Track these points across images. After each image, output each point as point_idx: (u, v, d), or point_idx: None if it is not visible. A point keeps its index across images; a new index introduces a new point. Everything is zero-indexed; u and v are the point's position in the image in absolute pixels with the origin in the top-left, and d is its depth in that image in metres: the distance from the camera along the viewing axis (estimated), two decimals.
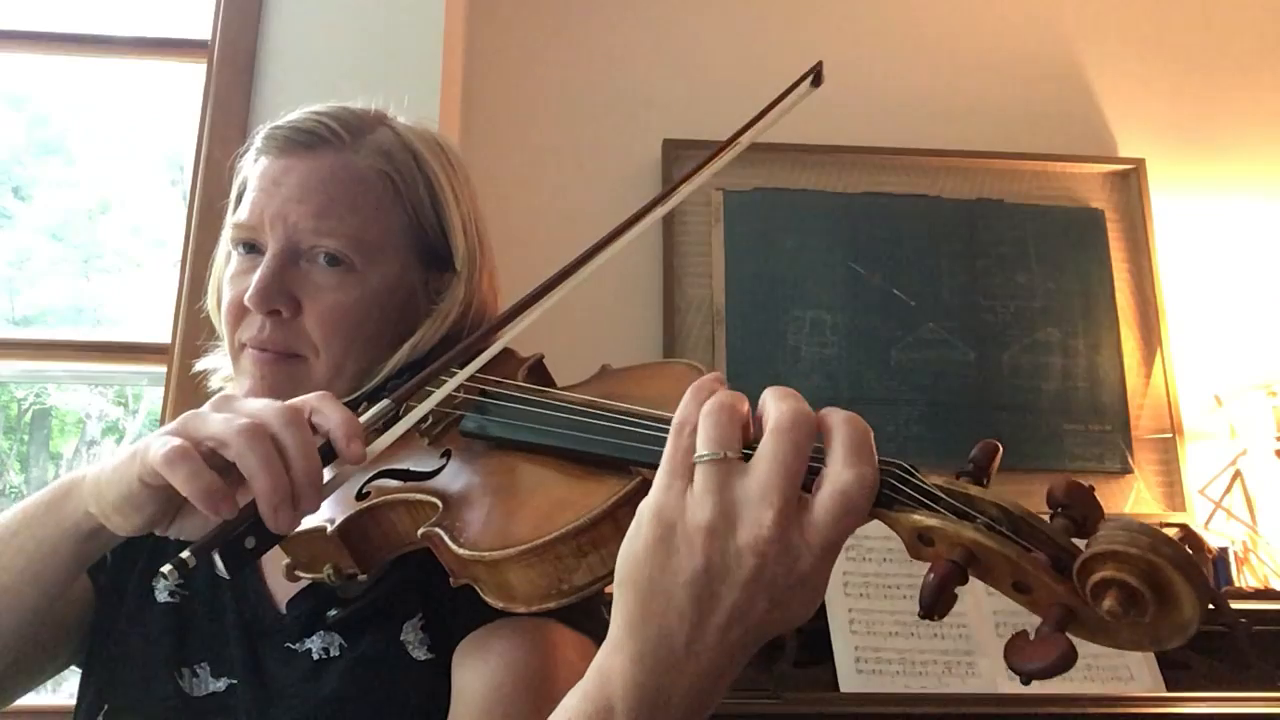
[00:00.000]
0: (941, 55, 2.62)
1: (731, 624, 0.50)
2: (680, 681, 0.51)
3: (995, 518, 0.49)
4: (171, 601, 0.87)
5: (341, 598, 0.84)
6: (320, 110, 0.89)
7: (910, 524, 0.50)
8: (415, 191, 0.89)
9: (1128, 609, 0.45)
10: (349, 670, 0.80)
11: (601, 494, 0.61)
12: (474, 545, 0.63)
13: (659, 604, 0.51)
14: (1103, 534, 0.46)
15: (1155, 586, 0.44)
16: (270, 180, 0.86)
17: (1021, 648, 0.46)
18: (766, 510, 0.49)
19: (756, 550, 0.49)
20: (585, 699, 0.53)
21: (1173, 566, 0.44)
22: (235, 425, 0.60)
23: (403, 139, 0.91)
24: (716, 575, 0.49)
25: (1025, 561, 0.48)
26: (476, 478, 0.71)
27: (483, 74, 2.49)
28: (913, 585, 1.58)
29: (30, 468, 2.39)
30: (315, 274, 0.84)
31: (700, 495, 0.50)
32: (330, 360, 0.85)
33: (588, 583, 0.61)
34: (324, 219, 0.84)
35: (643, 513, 0.52)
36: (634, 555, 0.52)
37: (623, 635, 0.52)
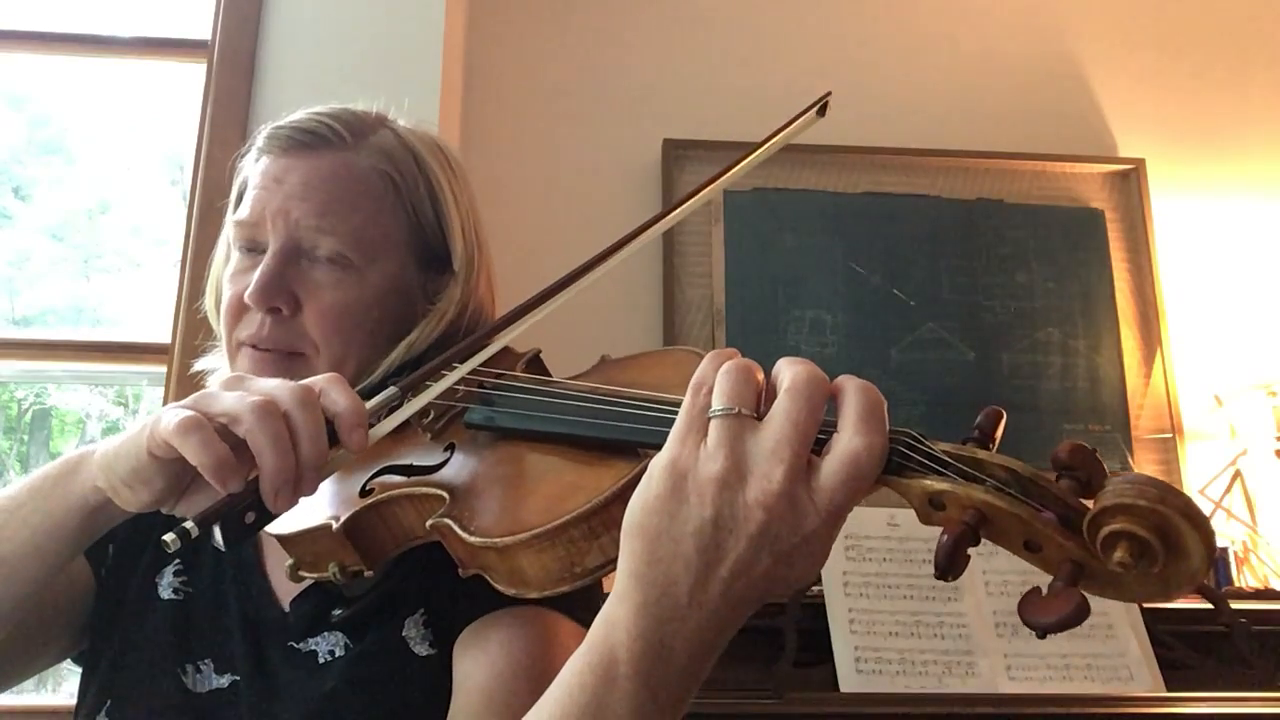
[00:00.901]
0: (941, 55, 2.62)
1: (735, 577, 0.51)
2: (683, 631, 0.52)
3: (1004, 479, 0.50)
4: (175, 599, 0.87)
5: (345, 596, 0.84)
6: (322, 111, 0.89)
7: (921, 489, 0.51)
8: (416, 192, 0.90)
9: (1138, 560, 0.46)
10: (351, 667, 0.80)
11: (611, 476, 0.61)
12: (485, 532, 0.64)
13: (665, 552, 0.52)
14: (1110, 488, 0.47)
15: (1164, 537, 0.46)
16: (272, 179, 0.86)
17: (1036, 603, 0.47)
18: (777, 466, 0.50)
19: (764, 505, 0.50)
20: (589, 649, 0.54)
21: (1180, 516, 0.45)
22: (248, 402, 0.60)
23: (404, 140, 0.91)
24: (724, 527, 0.51)
25: (1035, 520, 0.49)
26: (483, 468, 0.71)
27: (483, 74, 2.49)
28: (913, 585, 1.58)
29: (30, 468, 2.39)
30: (316, 272, 0.85)
31: (713, 448, 0.52)
32: (329, 358, 0.85)
33: (600, 564, 0.61)
34: (325, 217, 0.84)
35: (654, 466, 0.54)
36: (644, 504, 0.53)
37: (628, 585, 0.53)
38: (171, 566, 0.89)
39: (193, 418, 0.60)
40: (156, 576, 0.88)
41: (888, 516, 1.64)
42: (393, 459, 0.77)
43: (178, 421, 0.60)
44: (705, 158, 2.45)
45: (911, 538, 1.62)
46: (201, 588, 0.88)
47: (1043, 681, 1.50)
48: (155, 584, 0.87)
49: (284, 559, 0.78)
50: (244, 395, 0.61)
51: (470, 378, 0.77)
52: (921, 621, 1.54)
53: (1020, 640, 1.54)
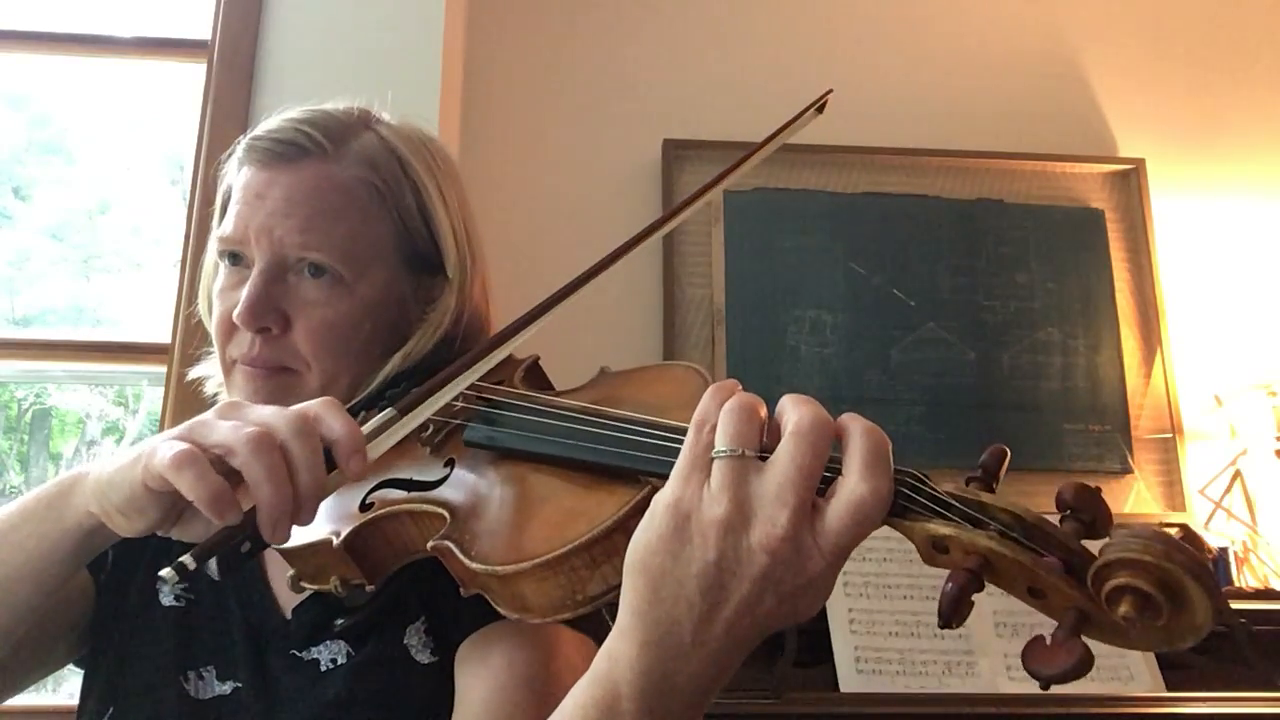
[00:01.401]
0: (941, 55, 2.62)
1: (739, 617, 0.51)
2: (686, 669, 0.52)
3: (1008, 524, 0.50)
4: (177, 605, 0.87)
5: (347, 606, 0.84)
6: (300, 118, 0.87)
7: (925, 533, 0.51)
8: (402, 199, 0.88)
9: (1143, 614, 0.46)
10: (353, 674, 0.80)
11: (612, 504, 0.61)
12: (486, 559, 0.63)
13: (668, 593, 0.52)
14: (1116, 541, 0.47)
15: (1169, 592, 0.46)
16: (254, 194, 0.85)
17: (1039, 653, 0.47)
18: (781, 510, 0.50)
19: (768, 548, 0.50)
20: (593, 683, 0.55)
21: (1186, 572, 0.45)
22: (243, 433, 0.59)
23: (387, 143, 0.89)
24: (727, 569, 0.51)
25: (1039, 567, 0.49)
26: (483, 488, 0.71)
27: (483, 74, 2.49)
28: (913, 585, 1.58)
29: (30, 468, 2.39)
30: (303, 288, 0.83)
31: (717, 490, 0.52)
32: (322, 373, 0.84)
33: (601, 592, 0.61)
34: (310, 233, 0.82)
35: (658, 504, 0.54)
36: (647, 544, 0.53)
37: (631, 621, 0.53)
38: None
39: (187, 451, 0.58)
40: (157, 584, 0.88)
41: None
42: (392, 473, 0.77)
43: (172, 455, 0.58)
44: (705, 158, 2.45)
45: None
46: (203, 594, 0.88)
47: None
48: (156, 590, 0.87)
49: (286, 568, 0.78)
50: (239, 425, 0.60)
51: (471, 392, 0.76)
52: (921, 621, 1.54)
53: (1020, 640, 1.54)
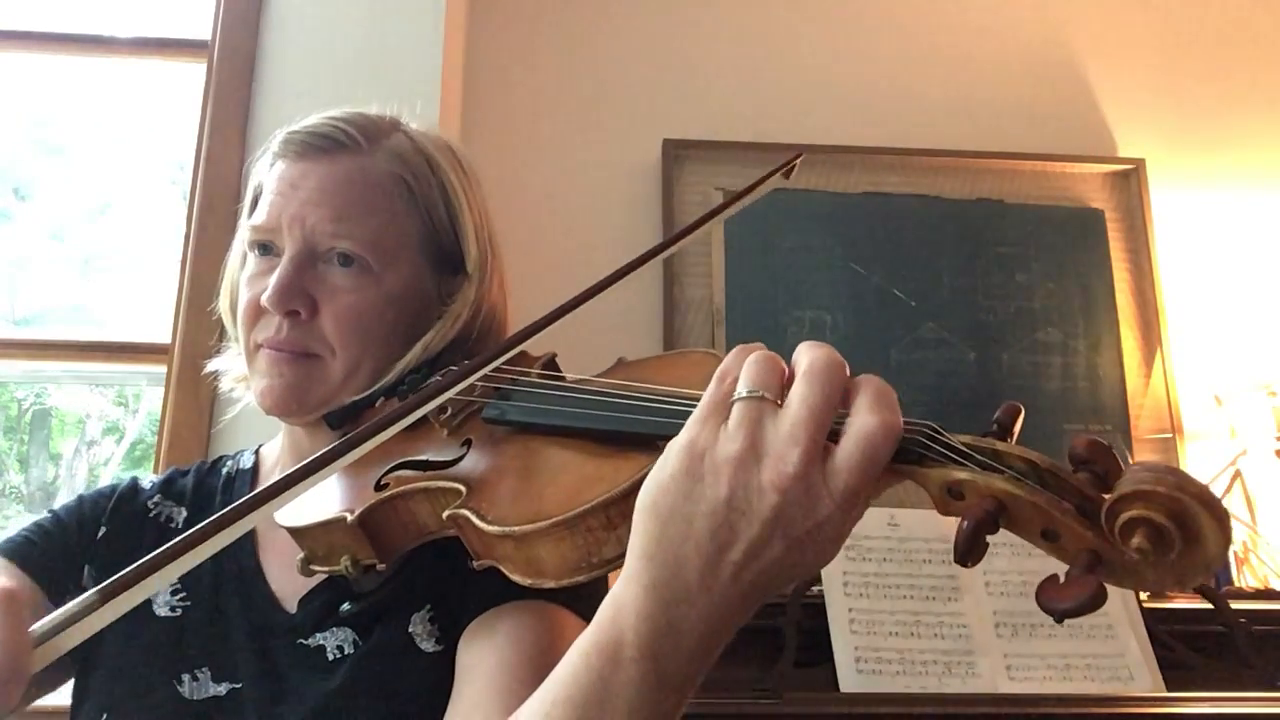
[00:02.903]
0: (942, 55, 2.62)
1: (747, 562, 0.51)
2: (691, 614, 0.52)
3: (1023, 470, 0.51)
4: (172, 616, 0.87)
5: (355, 592, 0.84)
6: (337, 115, 0.91)
7: (941, 478, 0.52)
8: (430, 195, 0.91)
9: (1156, 546, 0.46)
10: (357, 663, 0.81)
11: (629, 468, 0.62)
12: (503, 521, 0.64)
13: (676, 532, 0.52)
14: (1128, 476, 0.48)
15: (1182, 523, 0.46)
16: (288, 184, 0.87)
17: (1053, 588, 0.48)
18: (793, 448, 0.50)
19: (779, 487, 0.50)
20: (597, 629, 0.55)
21: (1198, 503, 0.46)
22: None
23: (417, 144, 0.93)
24: (737, 508, 0.51)
25: (1053, 509, 0.49)
26: (500, 462, 0.72)
27: (483, 74, 2.49)
28: (913, 585, 1.58)
29: (30, 468, 2.39)
30: (332, 275, 0.86)
31: (733, 429, 0.52)
32: (346, 360, 0.86)
33: (617, 555, 0.61)
34: (341, 222, 0.86)
35: (671, 446, 0.54)
36: (658, 483, 0.53)
37: (638, 565, 0.53)
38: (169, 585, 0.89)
39: None
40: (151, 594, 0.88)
41: (888, 516, 1.64)
42: (409, 454, 0.78)
43: None
44: (705, 158, 2.45)
45: (911, 538, 1.62)
46: (199, 600, 0.88)
47: (1043, 681, 1.50)
48: (150, 601, 0.87)
49: (286, 567, 0.78)
50: None
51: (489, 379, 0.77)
52: (921, 621, 1.54)
53: (1020, 640, 1.54)
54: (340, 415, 0.87)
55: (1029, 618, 1.56)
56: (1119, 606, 1.58)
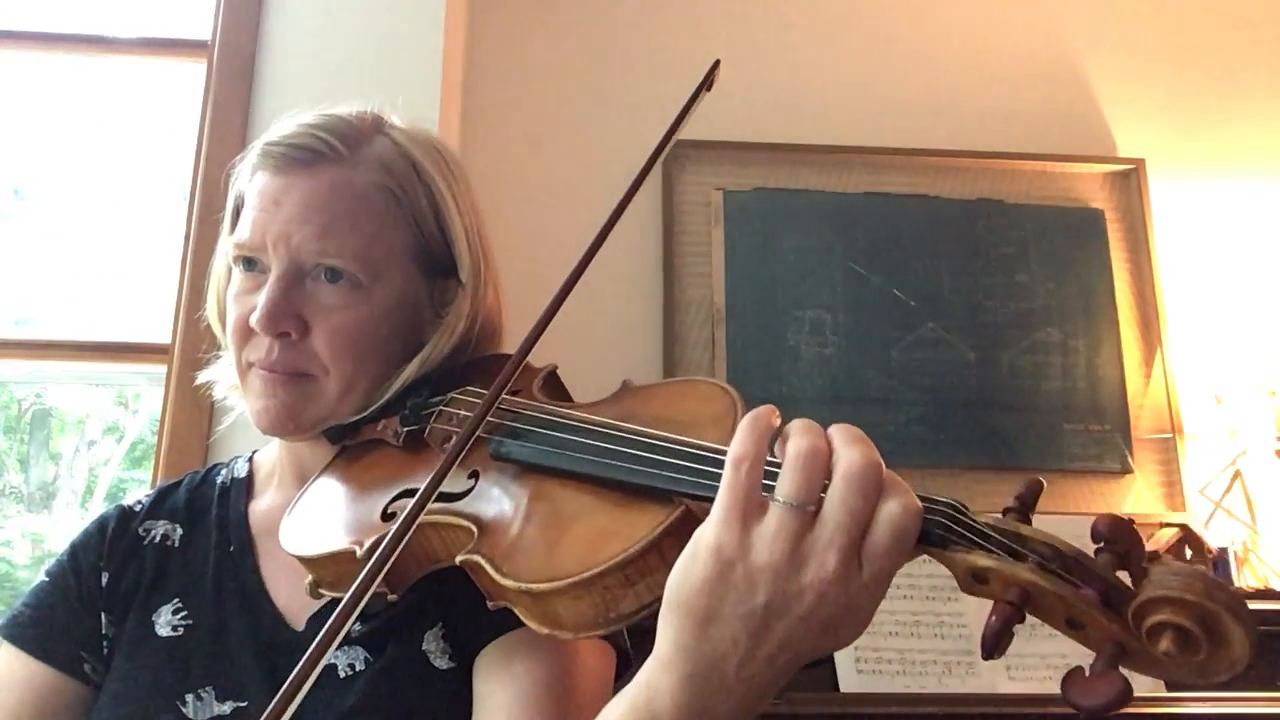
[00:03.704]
0: (942, 55, 2.61)
1: (783, 651, 0.52)
2: (726, 702, 0.53)
3: (1047, 556, 0.51)
4: (174, 635, 0.86)
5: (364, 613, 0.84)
6: (315, 123, 0.87)
7: (966, 564, 0.52)
8: (417, 203, 0.88)
9: (1183, 649, 0.47)
10: (371, 682, 0.80)
11: (645, 524, 0.61)
12: (519, 577, 0.63)
13: (713, 631, 0.52)
14: (1156, 578, 0.48)
15: (1209, 629, 0.47)
16: (270, 200, 0.85)
17: (1079, 684, 0.48)
18: (832, 554, 0.51)
19: (818, 590, 0.51)
20: (632, 711, 0.55)
21: (1226, 611, 0.46)
22: None
23: (401, 148, 0.90)
24: (775, 611, 0.51)
25: (1078, 600, 0.50)
26: (511, 502, 0.70)
27: (483, 74, 2.49)
28: (912, 585, 1.58)
29: (30, 468, 2.39)
30: (321, 293, 0.84)
31: (772, 538, 0.52)
32: (340, 378, 0.85)
33: (634, 611, 0.61)
34: (327, 239, 0.83)
35: (700, 547, 0.53)
36: (690, 584, 0.53)
37: (673, 655, 0.53)
38: (170, 605, 0.88)
39: None
40: (154, 615, 0.88)
41: None
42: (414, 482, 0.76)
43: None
44: (705, 158, 2.45)
45: None
46: (202, 620, 0.87)
47: (1043, 681, 1.50)
48: (153, 622, 0.87)
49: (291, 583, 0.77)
50: None
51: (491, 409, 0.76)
52: (921, 621, 1.54)
53: (1020, 640, 1.54)
54: (340, 431, 0.86)
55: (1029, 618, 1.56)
56: None
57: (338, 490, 0.84)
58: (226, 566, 0.90)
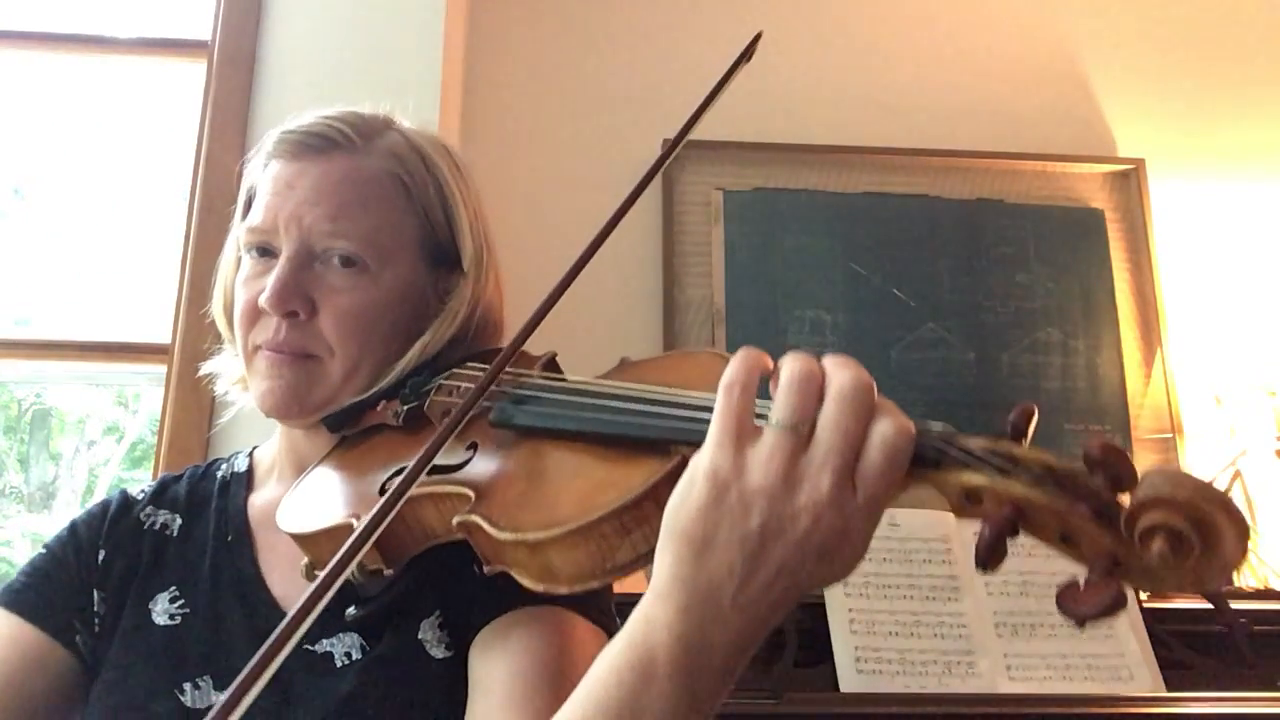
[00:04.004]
0: (942, 55, 2.62)
1: (779, 578, 0.52)
2: (724, 632, 0.53)
3: (1039, 474, 0.51)
4: (171, 624, 0.86)
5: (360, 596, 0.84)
6: (330, 114, 0.90)
7: (958, 483, 0.52)
8: (425, 193, 0.91)
9: (1175, 551, 0.47)
10: (367, 670, 0.80)
11: (642, 473, 0.61)
12: (516, 527, 0.64)
13: (710, 558, 0.52)
14: (1146, 482, 0.48)
15: (1201, 529, 0.47)
16: (284, 184, 0.87)
17: (1074, 594, 0.48)
18: (826, 475, 0.51)
19: (813, 512, 0.51)
20: (628, 647, 0.55)
21: (1217, 508, 0.46)
22: None
23: (411, 142, 0.93)
24: (770, 535, 0.52)
25: (1071, 513, 0.50)
26: (509, 466, 0.71)
27: (483, 74, 2.49)
28: (913, 585, 1.58)
29: (30, 468, 2.39)
30: (330, 275, 0.86)
31: (767, 460, 0.52)
32: (346, 360, 0.86)
33: (631, 560, 0.62)
34: (338, 221, 0.85)
35: (695, 471, 0.54)
36: (685, 511, 0.53)
37: (669, 586, 0.54)
38: (167, 593, 0.88)
39: None
40: (150, 603, 0.88)
41: (888, 517, 1.63)
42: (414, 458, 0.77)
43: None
44: (705, 158, 2.45)
45: (912, 538, 1.62)
46: (198, 608, 0.87)
47: (1043, 681, 1.50)
48: (149, 610, 0.87)
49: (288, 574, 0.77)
50: None
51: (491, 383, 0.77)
52: (921, 621, 1.54)
53: (1020, 640, 1.54)
54: (339, 418, 0.87)
55: (1029, 618, 1.56)
56: None
57: (336, 474, 0.85)
58: (224, 556, 0.90)
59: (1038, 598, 1.57)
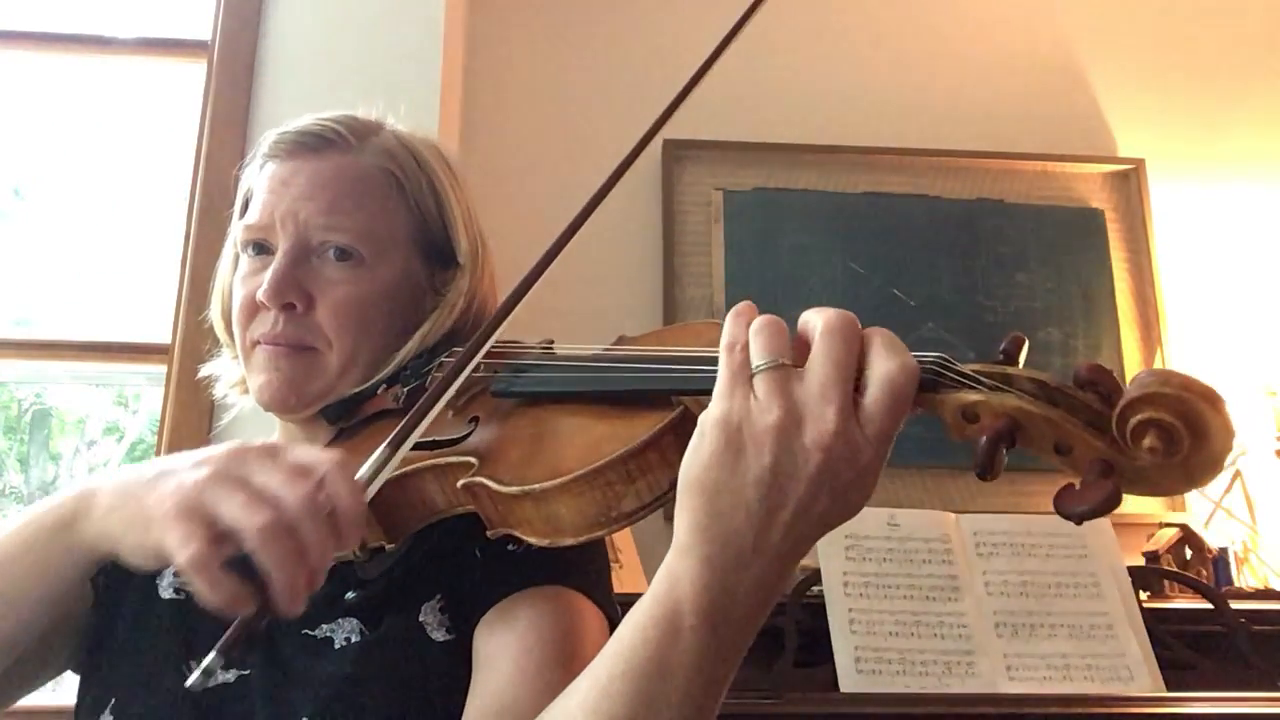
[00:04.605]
0: (942, 55, 2.62)
1: (797, 519, 0.54)
2: (746, 578, 0.54)
3: (1032, 390, 0.54)
4: (177, 598, 0.87)
5: (360, 579, 0.84)
6: (324, 116, 0.92)
7: (955, 403, 0.55)
8: (419, 189, 0.93)
9: (1166, 445, 0.49)
10: (368, 652, 0.80)
11: (645, 424, 0.63)
12: (522, 480, 0.65)
13: (726, 504, 0.54)
14: (1134, 383, 0.50)
15: (1189, 421, 0.48)
16: (279, 182, 0.89)
17: (1070, 494, 0.51)
18: (828, 406, 0.53)
19: (822, 445, 0.53)
20: (654, 603, 0.56)
21: (1203, 400, 0.48)
22: (255, 521, 0.57)
23: (404, 141, 0.95)
24: (784, 472, 0.53)
25: (1065, 422, 0.52)
26: (510, 431, 0.72)
27: (483, 74, 2.49)
28: (913, 585, 1.58)
29: (30, 468, 2.39)
30: (326, 269, 0.87)
31: (765, 399, 0.54)
32: (343, 352, 0.87)
33: (635, 509, 0.63)
34: (333, 215, 0.87)
35: (705, 423, 0.56)
36: (700, 461, 0.55)
37: (690, 539, 0.55)
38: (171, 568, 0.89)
39: (199, 555, 0.57)
40: (157, 578, 0.88)
41: (888, 516, 1.64)
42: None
43: (185, 553, 0.57)
44: (705, 158, 2.45)
45: (911, 538, 1.62)
46: None
47: (1043, 681, 1.50)
48: (155, 585, 0.87)
49: None
50: (249, 505, 0.57)
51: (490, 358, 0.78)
52: (921, 621, 1.54)
53: (1020, 640, 1.54)
54: (338, 409, 0.87)
55: (1029, 618, 1.56)
56: (1119, 606, 1.57)
57: None
58: None
59: (1038, 598, 1.57)
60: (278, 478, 0.60)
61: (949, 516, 1.66)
